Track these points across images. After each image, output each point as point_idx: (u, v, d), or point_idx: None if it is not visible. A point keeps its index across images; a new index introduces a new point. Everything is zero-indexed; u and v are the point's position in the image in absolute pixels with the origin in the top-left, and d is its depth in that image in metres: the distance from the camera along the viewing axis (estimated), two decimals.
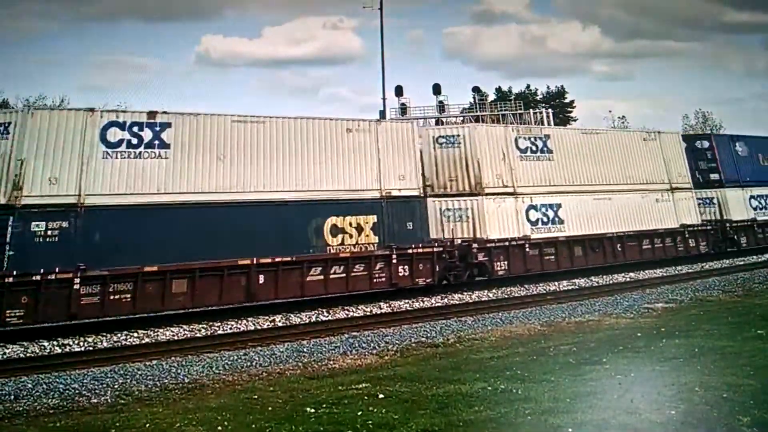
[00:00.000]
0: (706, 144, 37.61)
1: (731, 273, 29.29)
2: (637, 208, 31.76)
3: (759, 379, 10.23)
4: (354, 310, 22.47)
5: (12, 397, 12.35)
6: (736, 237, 36.47)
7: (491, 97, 69.74)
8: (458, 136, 27.38)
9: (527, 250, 27.38)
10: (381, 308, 22.79)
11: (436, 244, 24.96)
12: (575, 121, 77.91)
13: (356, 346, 16.47)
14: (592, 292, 25.20)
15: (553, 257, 28.29)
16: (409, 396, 10.36)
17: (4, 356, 16.53)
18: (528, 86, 79.74)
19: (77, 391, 12.61)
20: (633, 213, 31.48)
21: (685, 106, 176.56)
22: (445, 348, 15.80)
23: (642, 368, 11.35)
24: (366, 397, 10.38)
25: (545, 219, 28.30)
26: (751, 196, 37.97)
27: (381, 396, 10.42)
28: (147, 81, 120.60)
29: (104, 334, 18.57)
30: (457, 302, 23.81)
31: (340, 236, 22.88)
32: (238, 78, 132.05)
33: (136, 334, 18.72)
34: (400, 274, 23.89)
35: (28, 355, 16.70)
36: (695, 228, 34.23)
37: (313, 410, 9.76)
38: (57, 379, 13.52)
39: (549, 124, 53.58)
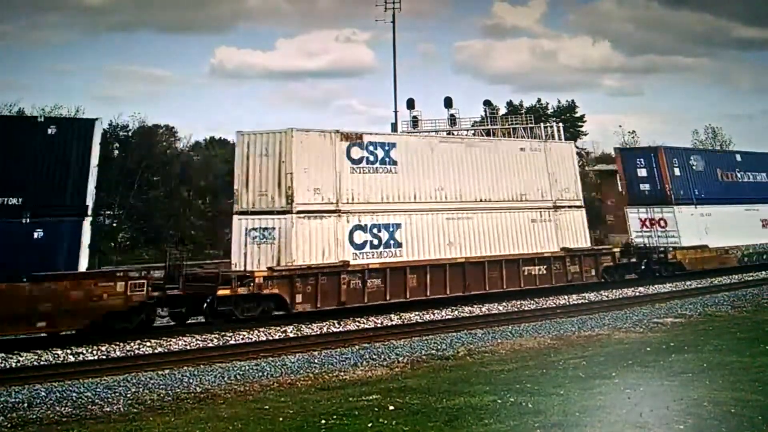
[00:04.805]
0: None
1: (740, 288, 29.21)
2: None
3: (767, 395, 10.27)
4: (365, 321, 22.56)
5: (26, 404, 12.47)
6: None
7: (502, 110, 69.71)
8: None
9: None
10: (392, 320, 22.86)
11: None
12: (585, 135, 77.88)
13: (367, 357, 16.55)
14: (601, 306, 25.21)
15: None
16: (419, 408, 10.44)
17: (19, 364, 16.69)
18: (539, 100, 79.65)
19: (90, 400, 12.73)
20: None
21: (694, 122, 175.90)
22: (456, 360, 15.87)
23: (651, 383, 11.41)
24: (376, 409, 10.46)
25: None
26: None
27: (391, 408, 10.49)
28: (162, 92, 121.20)
29: (117, 343, 18.70)
30: (468, 315, 23.88)
31: None
32: (251, 89, 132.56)
33: (148, 343, 18.84)
34: None
35: (41, 363, 16.85)
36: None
37: (323, 421, 9.85)
38: (70, 388, 13.63)
39: (560, 137, 53.50)
